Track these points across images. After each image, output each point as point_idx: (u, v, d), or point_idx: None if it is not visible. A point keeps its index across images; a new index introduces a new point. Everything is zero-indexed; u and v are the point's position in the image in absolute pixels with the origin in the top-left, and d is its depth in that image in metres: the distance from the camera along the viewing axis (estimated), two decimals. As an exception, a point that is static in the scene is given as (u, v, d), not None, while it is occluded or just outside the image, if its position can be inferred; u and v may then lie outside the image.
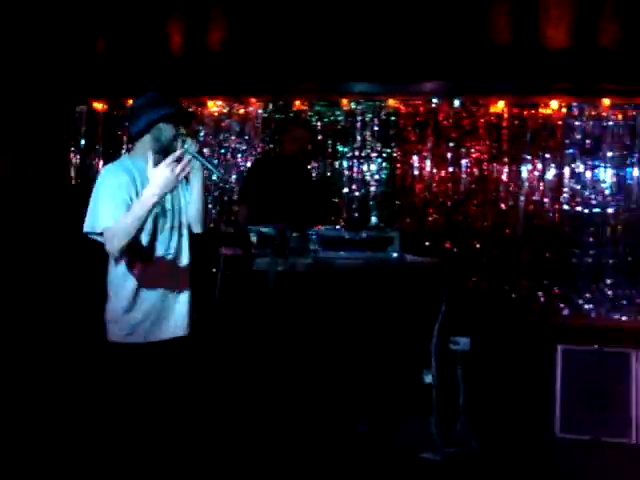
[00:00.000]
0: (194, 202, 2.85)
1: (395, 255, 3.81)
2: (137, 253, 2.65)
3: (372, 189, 5.44)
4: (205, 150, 5.58)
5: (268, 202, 4.58)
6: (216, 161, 5.46)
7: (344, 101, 5.43)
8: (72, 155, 5.86)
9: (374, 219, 5.34)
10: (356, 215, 5.39)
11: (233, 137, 5.59)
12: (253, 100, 5.52)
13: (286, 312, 3.68)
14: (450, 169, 5.35)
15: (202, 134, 5.59)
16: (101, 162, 5.75)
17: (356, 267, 3.70)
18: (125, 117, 5.60)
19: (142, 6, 4.54)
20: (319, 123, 5.43)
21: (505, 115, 5.27)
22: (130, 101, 5.54)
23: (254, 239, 3.66)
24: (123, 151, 5.63)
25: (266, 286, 3.53)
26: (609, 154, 5.22)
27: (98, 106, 5.82)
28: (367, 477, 3.85)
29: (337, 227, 3.90)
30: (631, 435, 4.69)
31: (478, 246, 5.34)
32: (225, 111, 5.59)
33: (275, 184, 4.69)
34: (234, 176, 5.61)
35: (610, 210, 5.25)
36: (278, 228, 3.71)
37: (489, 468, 4.15)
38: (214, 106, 5.60)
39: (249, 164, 5.46)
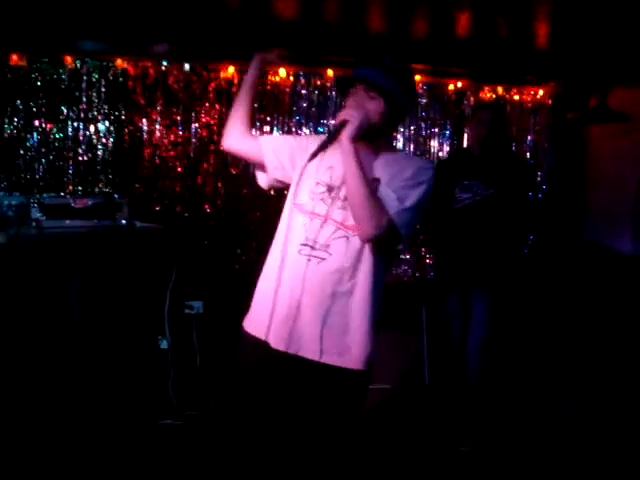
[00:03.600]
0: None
1: (123, 222, 3.72)
2: None
3: (99, 153, 5.19)
4: None
5: None
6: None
7: (68, 59, 5.08)
8: None
9: (102, 185, 5.15)
10: (82, 181, 5.12)
11: None
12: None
13: (9, 287, 3.45)
14: (180, 133, 5.29)
15: None
16: None
17: (83, 236, 3.55)
18: None
19: None
20: (39, 82, 5.03)
21: (235, 81, 5.30)
22: None
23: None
24: None
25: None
26: (332, 122, 5.50)
27: None
28: (107, 449, 3.78)
29: (62, 194, 3.68)
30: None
31: (209, 210, 5.38)
32: None
33: None
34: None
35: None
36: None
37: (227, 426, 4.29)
38: None
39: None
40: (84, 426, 3.90)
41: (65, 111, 5.13)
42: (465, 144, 5.72)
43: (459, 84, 5.73)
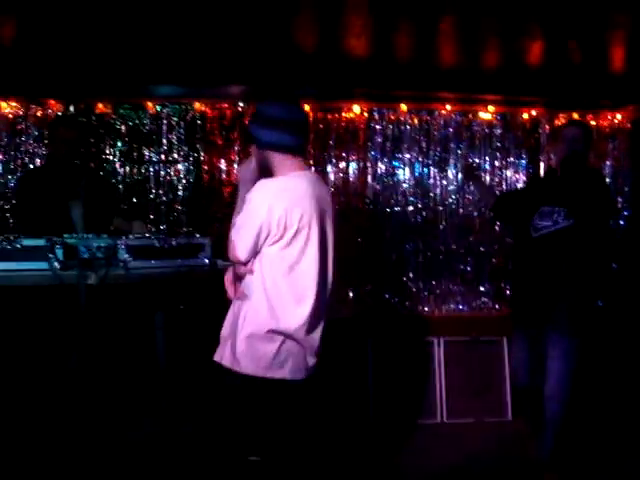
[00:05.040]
0: None
1: (206, 261, 3.80)
2: None
3: (180, 194, 5.36)
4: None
5: (43, 213, 4.25)
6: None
7: (149, 104, 5.30)
8: None
9: (182, 225, 5.30)
10: (165, 221, 5.29)
11: (30, 141, 5.23)
12: (52, 102, 5.19)
13: (100, 327, 3.55)
14: (258, 172, 5.39)
15: (-5, 137, 5.24)
16: None
17: (168, 275, 3.64)
18: None
19: None
20: (123, 127, 5.26)
21: (310, 119, 5.41)
22: None
23: (59, 252, 3.49)
24: None
25: (76, 301, 3.40)
26: (407, 156, 5.54)
27: None
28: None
29: (147, 235, 3.78)
30: (437, 415, 5.09)
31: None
32: (21, 113, 5.21)
33: (48, 193, 4.34)
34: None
35: (410, 208, 5.57)
36: (84, 239, 3.57)
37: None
38: (8, 107, 5.20)
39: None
40: (176, 459, 3.96)
41: (147, 154, 5.32)
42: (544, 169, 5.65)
43: (533, 112, 5.68)
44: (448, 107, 5.52)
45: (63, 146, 4.47)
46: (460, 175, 5.58)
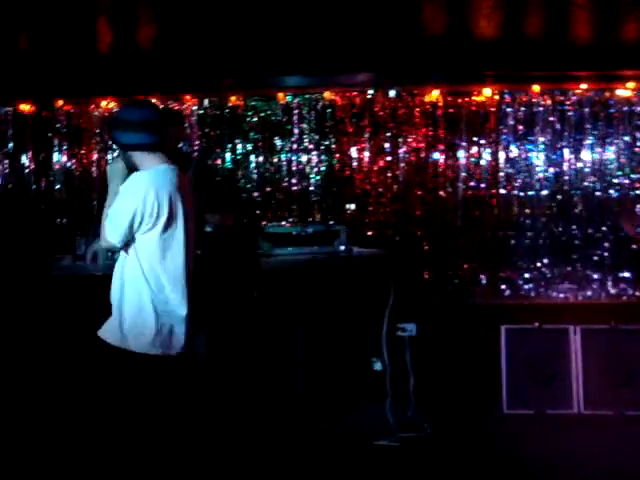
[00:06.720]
0: None
1: (342, 248, 3.86)
2: None
3: (312, 182, 5.46)
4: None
5: None
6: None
7: (280, 95, 5.41)
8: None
9: (315, 212, 5.39)
10: (297, 209, 5.41)
11: (169, 135, 5.48)
12: (187, 97, 5.42)
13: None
14: (388, 159, 5.40)
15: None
16: (32, 165, 5.60)
17: (306, 262, 3.73)
18: (53, 119, 5.56)
19: (68, 3, 4.44)
20: (255, 118, 5.40)
21: (440, 104, 5.35)
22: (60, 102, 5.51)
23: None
24: (55, 154, 5.54)
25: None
26: (541, 139, 5.39)
27: (25, 108, 5.63)
28: (325, 467, 3.91)
29: (283, 223, 3.89)
30: (573, 406, 4.94)
31: (419, 233, 5.42)
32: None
33: None
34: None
35: (544, 192, 5.42)
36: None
37: (442, 449, 4.28)
38: (148, 104, 5.49)
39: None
40: (299, 447, 4.05)
41: (279, 144, 5.45)
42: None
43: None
44: (583, 86, 5.31)
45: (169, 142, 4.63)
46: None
